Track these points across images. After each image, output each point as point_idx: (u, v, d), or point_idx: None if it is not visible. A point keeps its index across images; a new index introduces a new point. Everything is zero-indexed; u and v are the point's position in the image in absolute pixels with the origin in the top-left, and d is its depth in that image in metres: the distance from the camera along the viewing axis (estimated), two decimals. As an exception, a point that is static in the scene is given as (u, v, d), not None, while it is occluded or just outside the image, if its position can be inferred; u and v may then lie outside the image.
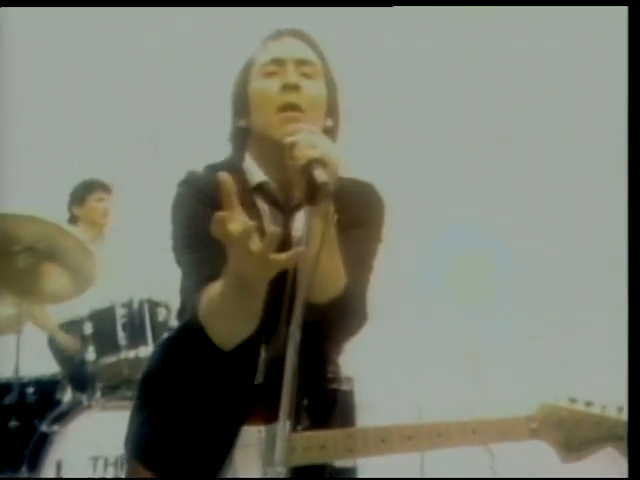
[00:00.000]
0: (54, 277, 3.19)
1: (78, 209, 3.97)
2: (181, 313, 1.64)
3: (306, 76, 1.60)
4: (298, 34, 1.67)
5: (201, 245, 1.45)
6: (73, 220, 3.98)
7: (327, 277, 1.41)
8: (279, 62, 1.60)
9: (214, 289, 1.40)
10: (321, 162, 1.32)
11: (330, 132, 1.62)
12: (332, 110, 1.65)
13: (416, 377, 3.76)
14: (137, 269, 3.59)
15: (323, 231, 1.32)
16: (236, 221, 1.24)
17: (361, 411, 3.11)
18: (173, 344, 1.71)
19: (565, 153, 4.00)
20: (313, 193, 1.29)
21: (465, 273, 3.93)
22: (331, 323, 1.49)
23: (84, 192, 3.96)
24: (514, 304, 3.85)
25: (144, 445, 1.63)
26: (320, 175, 1.29)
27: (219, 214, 1.23)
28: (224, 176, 1.27)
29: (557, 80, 4.03)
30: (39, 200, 3.91)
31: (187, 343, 1.56)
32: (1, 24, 3.80)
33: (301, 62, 1.61)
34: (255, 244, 1.25)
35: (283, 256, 1.28)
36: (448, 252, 3.96)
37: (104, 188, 3.99)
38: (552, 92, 4.01)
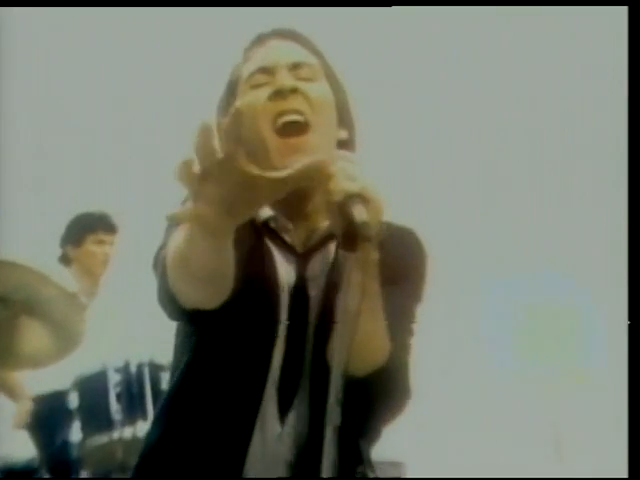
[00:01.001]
0: (33, 335, 2.85)
1: (72, 249, 3.52)
2: (172, 374, 1.55)
3: (304, 80, 1.45)
4: (285, 34, 1.52)
5: None
6: (65, 261, 3.53)
7: (368, 343, 1.27)
8: (268, 71, 1.45)
9: (180, 231, 1.27)
10: (361, 198, 1.18)
11: (347, 146, 1.48)
12: (344, 118, 1.50)
13: (488, 456, 3.51)
14: (135, 324, 3.31)
15: (363, 284, 1.18)
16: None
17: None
18: (168, 408, 1.55)
19: (564, 154, 4.19)
20: (351, 236, 1.16)
21: (541, 330, 3.77)
22: (370, 402, 1.34)
23: (83, 230, 3.51)
24: (605, 366, 3.66)
25: None
26: (360, 213, 1.15)
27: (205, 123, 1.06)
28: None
29: (557, 80, 4.18)
30: (32, 230, 3.83)
31: (179, 405, 1.48)
32: (1, 24, 3.84)
33: (295, 66, 1.46)
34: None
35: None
36: (518, 306, 3.85)
37: (108, 227, 3.52)
38: (552, 92, 4.17)
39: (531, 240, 4.03)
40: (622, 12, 1.84)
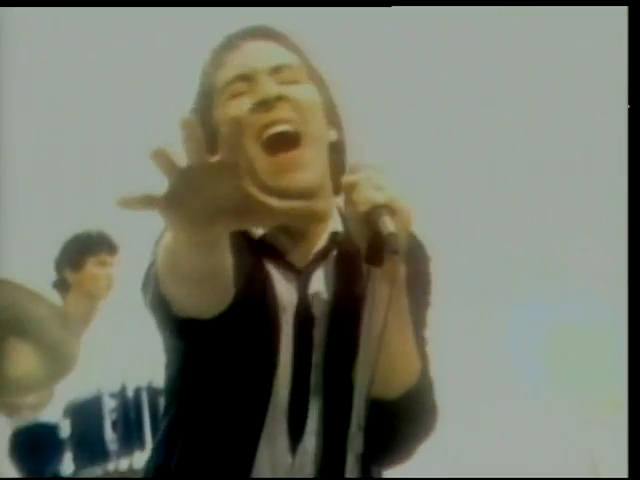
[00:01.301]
0: (22, 357, 2.82)
1: (72, 274, 3.29)
2: (167, 409, 1.50)
3: (287, 84, 1.40)
4: (258, 33, 1.47)
5: None
6: (61, 286, 3.30)
7: (398, 363, 1.28)
8: (247, 78, 1.40)
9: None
10: (389, 208, 1.19)
11: (337, 148, 1.46)
12: (332, 118, 1.47)
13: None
14: (132, 345, 3.18)
15: (390, 299, 1.19)
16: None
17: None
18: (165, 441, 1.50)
19: (564, 155, 4.22)
20: (378, 248, 1.16)
21: (574, 353, 3.76)
22: (397, 425, 1.31)
23: (83, 252, 3.29)
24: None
25: None
26: (388, 225, 1.16)
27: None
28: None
29: (557, 80, 4.24)
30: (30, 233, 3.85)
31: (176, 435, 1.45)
32: (1, 24, 3.89)
33: (276, 69, 1.40)
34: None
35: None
36: (547, 324, 3.83)
37: (109, 248, 3.32)
38: (552, 92, 4.22)
39: (564, 259, 4.04)
40: (622, 12, 1.89)
